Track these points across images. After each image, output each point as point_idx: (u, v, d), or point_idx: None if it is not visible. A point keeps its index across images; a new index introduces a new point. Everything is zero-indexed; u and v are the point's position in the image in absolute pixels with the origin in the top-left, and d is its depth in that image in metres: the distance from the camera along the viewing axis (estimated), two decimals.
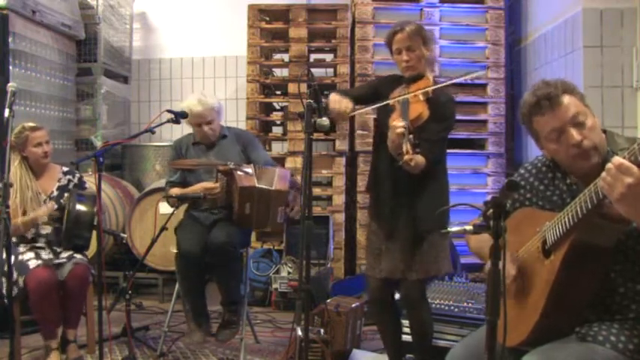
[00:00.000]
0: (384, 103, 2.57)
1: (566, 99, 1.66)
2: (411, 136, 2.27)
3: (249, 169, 3.15)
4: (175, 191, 3.27)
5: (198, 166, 3.30)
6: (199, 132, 3.33)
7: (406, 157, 2.23)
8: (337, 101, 2.58)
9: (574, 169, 1.71)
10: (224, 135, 3.42)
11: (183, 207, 3.37)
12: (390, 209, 2.64)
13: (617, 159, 1.40)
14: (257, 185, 3.09)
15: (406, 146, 2.24)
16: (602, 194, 1.45)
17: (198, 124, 3.28)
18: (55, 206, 3.23)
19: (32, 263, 3.07)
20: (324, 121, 2.47)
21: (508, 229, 1.85)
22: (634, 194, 1.37)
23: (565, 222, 1.58)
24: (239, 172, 3.10)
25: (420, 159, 2.35)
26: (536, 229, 1.71)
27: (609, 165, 1.40)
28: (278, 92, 5.15)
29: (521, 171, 1.94)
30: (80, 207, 3.16)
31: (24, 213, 3.17)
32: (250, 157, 3.35)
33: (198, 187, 3.19)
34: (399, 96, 2.53)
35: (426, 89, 2.50)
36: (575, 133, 1.63)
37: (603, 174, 1.42)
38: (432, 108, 2.49)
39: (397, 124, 2.32)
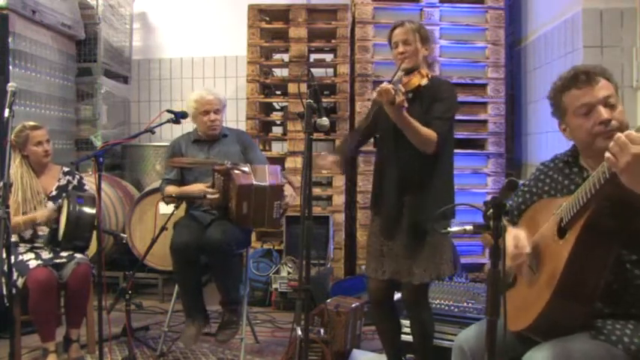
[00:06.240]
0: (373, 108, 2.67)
1: (603, 81, 1.72)
2: (400, 85, 2.41)
3: (246, 168, 3.16)
4: (172, 190, 3.28)
5: (194, 165, 3.30)
6: (206, 122, 3.34)
7: (398, 99, 2.34)
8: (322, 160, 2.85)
9: (592, 149, 1.72)
10: (225, 134, 3.45)
11: (184, 206, 3.37)
12: (393, 206, 2.64)
13: (627, 131, 1.41)
14: (254, 182, 3.10)
15: (398, 97, 2.35)
16: None
17: (207, 111, 3.32)
18: (55, 207, 3.21)
19: (32, 263, 3.07)
20: (324, 121, 2.47)
21: (524, 223, 1.85)
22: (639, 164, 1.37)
23: (582, 196, 1.56)
24: (236, 171, 3.10)
25: (427, 131, 2.48)
26: (552, 213, 1.71)
27: (618, 134, 1.40)
28: (278, 92, 5.15)
29: (540, 167, 1.97)
30: (80, 209, 3.14)
31: (24, 212, 3.17)
32: (247, 158, 3.37)
33: (196, 189, 3.19)
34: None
35: (419, 84, 2.57)
36: (604, 111, 1.68)
37: (611, 144, 1.41)
38: (430, 94, 2.58)
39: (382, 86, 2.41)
